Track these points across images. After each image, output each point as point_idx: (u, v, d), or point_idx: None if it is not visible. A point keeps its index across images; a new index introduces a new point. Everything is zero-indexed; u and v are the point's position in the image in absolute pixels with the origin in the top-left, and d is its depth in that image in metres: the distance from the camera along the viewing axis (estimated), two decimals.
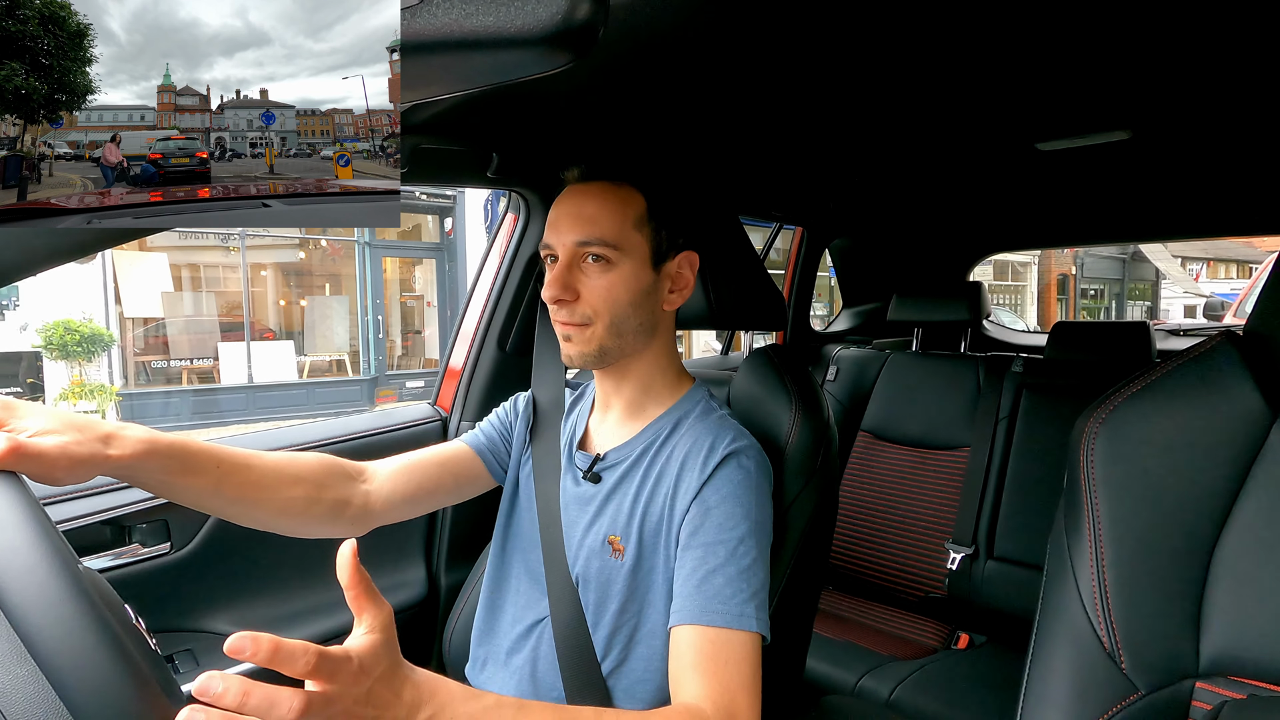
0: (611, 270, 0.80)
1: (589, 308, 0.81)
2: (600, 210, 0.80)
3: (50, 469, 0.55)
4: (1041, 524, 1.71)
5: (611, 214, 0.81)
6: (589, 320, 0.81)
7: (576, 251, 0.81)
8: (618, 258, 0.80)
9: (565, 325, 0.82)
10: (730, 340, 2.50)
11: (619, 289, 0.81)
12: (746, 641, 0.71)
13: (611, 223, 0.80)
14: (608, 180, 0.83)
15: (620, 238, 0.80)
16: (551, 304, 0.81)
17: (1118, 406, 0.63)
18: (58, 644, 0.41)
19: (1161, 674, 0.57)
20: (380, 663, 0.50)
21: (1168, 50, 0.94)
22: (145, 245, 7.81)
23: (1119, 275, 17.53)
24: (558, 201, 0.84)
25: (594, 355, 0.83)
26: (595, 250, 0.80)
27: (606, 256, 0.80)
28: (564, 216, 0.82)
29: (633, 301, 0.82)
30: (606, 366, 0.86)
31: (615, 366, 0.86)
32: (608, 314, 0.81)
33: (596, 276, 0.81)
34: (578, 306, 0.81)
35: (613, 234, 0.80)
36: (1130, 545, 0.59)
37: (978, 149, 1.51)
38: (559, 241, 0.81)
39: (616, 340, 0.83)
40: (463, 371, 1.48)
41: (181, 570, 1.11)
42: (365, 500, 0.83)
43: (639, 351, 0.86)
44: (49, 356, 7.04)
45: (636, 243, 0.82)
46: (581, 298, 0.81)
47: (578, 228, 0.80)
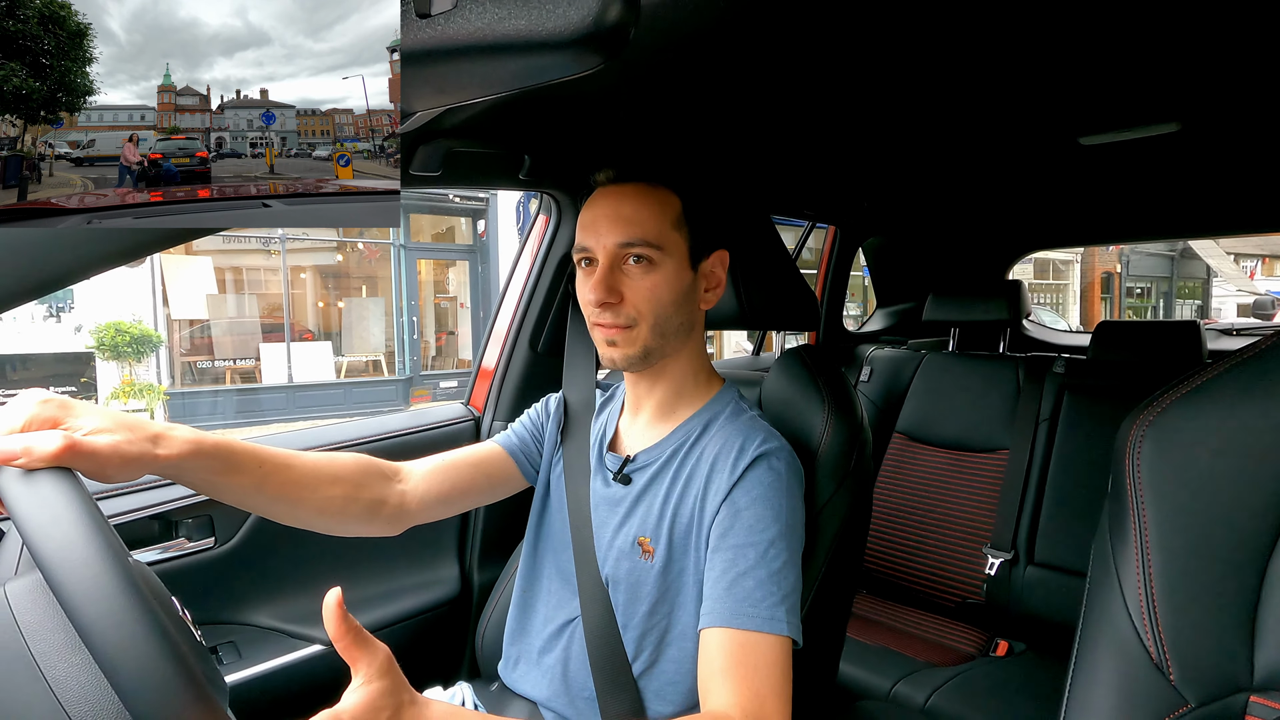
0: (654, 271, 0.80)
1: (633, 309, 0.80)
2: (639, 211, 0.80)
3: (103, 467, 0.57)
4: (1084, 529, 1.67)
5: (652, 214, 0.80)
6: (633, 322, 0.81)
7: (618, 253, 0.80)
8: (660, 258, 0.80)
9: (609, 328, 0.81)
10: (762, 341, 2.49)
11: (662, 289, 0.80)
12: (777, 645, 0.71)
13: (653, 223, 0.80)
14: (643, 181, 0.83)
15: (661, 237, 0.80)
16: (595, 307, 0.80)
17: (1166, 408, 0.61)
18: (110, 636, 0.43)
19: (1213, 686, 0.55)
20: (381, 713, 0.49)
21: (1221, 36, 0.90)
22: (191, 249, 8.07)
23: (1167, 273, 16.93)
24: (590, 204, 0.84)
25: (638, 357, 0.82)
26: (638, 251, 0.79)
27: (649, 257, 0.80)
28: (602, 218, 0.81)
29: (675, 301, 0.82)
30: (648, 368, 0.85)
31: (651, 368, 0.86)
32: (652, 315, 0.81)
33: (639, 278, 0.80)
34: (622, 308, 0.80)
35: (654, 234, 0.80)
36: (1179, 553, 0.57)
37: (1017, 144, 1.47)
38: (599, 244, 0.81)
39: (660, 341, 0.82)
40: (495, 372, 1.50)
41: (225, 564, 1.15)
42: (401, 500, 0.85)
43: (676, 352, 0.86)
44: (101, 357, 7.32)
45: (676, 242, 0.81)
46: (625, 299, 0.80)
47: (618, 229, 0.80)
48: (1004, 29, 0.86)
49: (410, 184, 1.09)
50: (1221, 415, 0.58)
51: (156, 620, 0.44)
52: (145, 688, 0.42)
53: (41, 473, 0.51)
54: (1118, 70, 1.02)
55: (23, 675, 0.47)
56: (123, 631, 0.43)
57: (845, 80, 1.02)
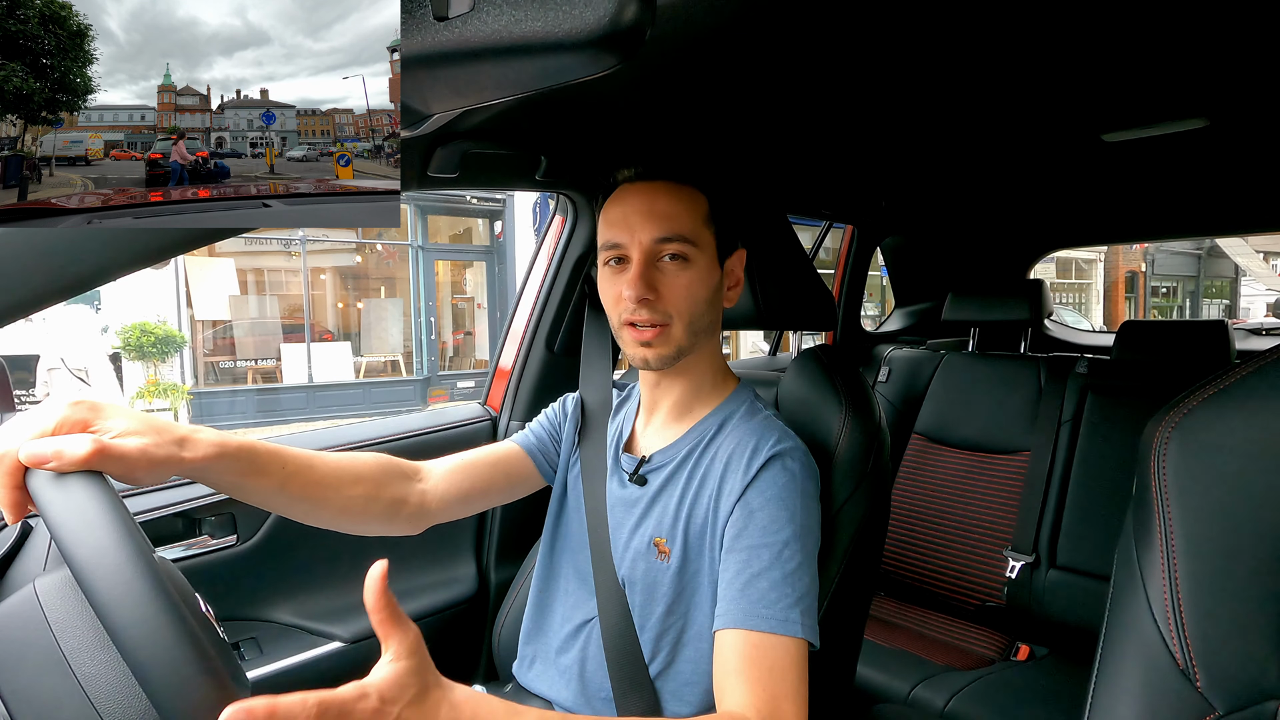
0: (689, 268, 0.80)
1: (670, 306, 0.80)
2: (674, 206, 0.80)
3: (131, 469, 0.58)
4: (1107, 532, 1.64)
5: (686, 210, 0.80)
6: (668, 319, 0.80)
7: (655, 249, 0.80)
8: (695, 255, 0.80)
9: (644, 329, 0.80)
10: (778, 341, 2.47)
11: (697, 287, 0.80)
12: (792, 648, 0.70)
13: (688, 219, 0.80)
14: (671, 180, 0.82)
15: (696, 234, 0.80)
16: (634, 304, 0.79)
17: (1193, 410, 0.59)
18: (140, 639, 0.44)
19: (1241, 693, 0.53)
20: (408, 690, 0.49)
21: (1251, 27, 0.88)
22: (214, 251, 8.20)
23: (1193, 272, 16.60)
24: (617, 201, 0.83)
25: (672, 357, 0.82)
26: (675, 248, 0.79)
27: (685, 254, 0.79)
28: (635, 214, 0.80)
29: (707, 299, 0.82)
30: (674, 366, 0.85)
31: (673, 368, 0.86)
32: (687, 313, 0.80)
33: (675, 275, 0.80)
34: (659, 305, 0.79)
35: (690, 230, 0.80)
36: (1206, 557, 0.56)
37: (1039, 140, 1.45)
38: (633, 239, 0.80)
39: (692, 340, 0.82)
40: (512, 372, 1.51)
41: (247, 561, 1.17)
42: (421, 499, 0.85)
43: (700, 350, 0.86)
44: (127, 357, 7.46)
45: (707, 240, 0.81)
46: (661, 296, 0.80)
47: (654, 224, 0.79)
48: (1026, 23, 0.85)
49: (428, 185, 1.10)
50: (1250, 417, 0.57)
51: (185, 624, 0.45)
52: (169, 684, 0.43)
53: (72, 476, 0.52)
54: (1143, 65, 1.00)
55: (53, 672, 0.49)
56: (152, 636, 0.44)
57: (862, 77, 1.01)
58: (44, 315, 6.70)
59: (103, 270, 0.70)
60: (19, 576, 0.58)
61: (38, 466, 0.52)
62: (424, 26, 0.50)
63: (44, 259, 0.65)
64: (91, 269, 0.69)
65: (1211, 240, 14.06)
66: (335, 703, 0.45)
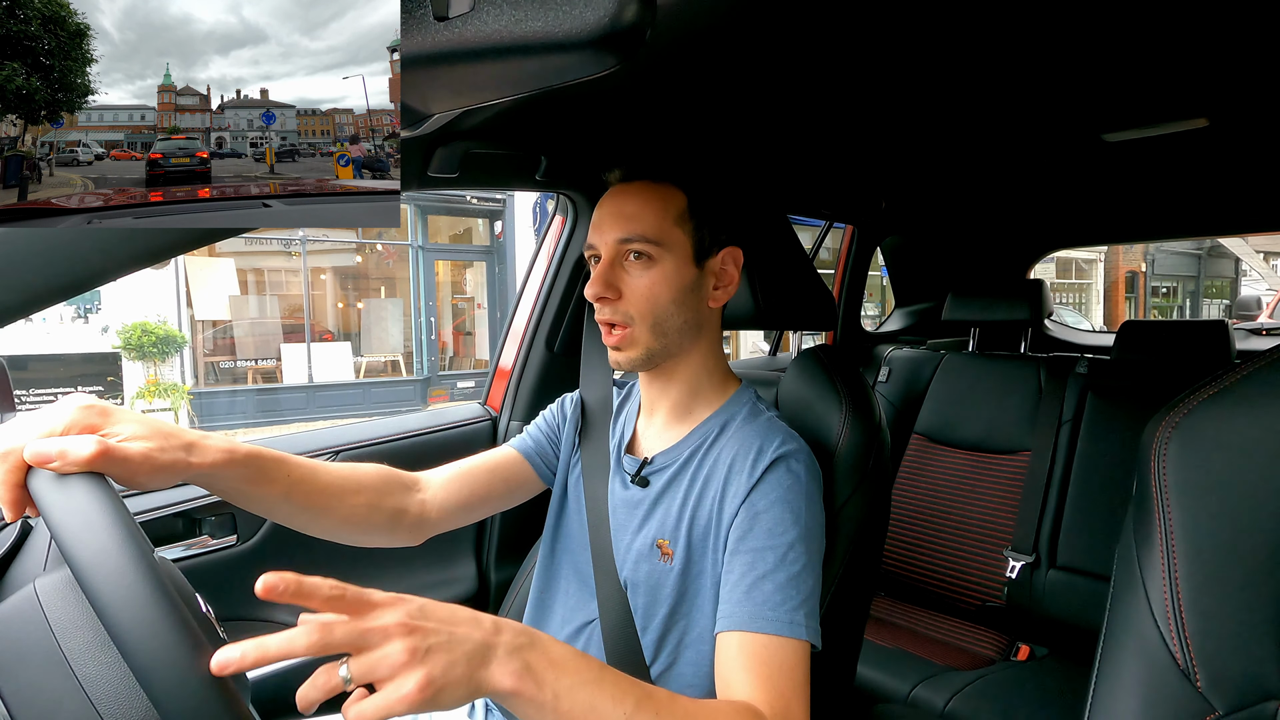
0: (653, 267, 0.81)
1: (631, 306, 0.81)
2: (641, 208, 0.81)
3: (134, 473, 0.58)
4: (1107, 532, 1.64)
5: (652, 211, 0.81)
6: (630, 320, 0.81)
7: (619, 249, 0.81)
8: (659, 254, 0.81)
9: (608, 329, 0.83)
10: (778, 341, 2.47)
11: (660, 286, 0.81)
12: (796, 649, 0.70)
13: (652, 219, 0.81)
14: (649, 179, 0.84)
15: (661, 234, 0.81)
16: (594, 301, 0.82)
17: (1193, 410, 0.59)
18: (141, 641, 0.44)
19: (1241, 693, 0.53)
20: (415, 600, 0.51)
21: (1252, 27, 0.88)
22: (214, 251, 8.20)
23: (1194, 272, 16.59)
24: (600, 203, 0.85)
25: (641, 359, 0.83)
26: (636, 247, 0.80)
27: (648, 253, 0.80)
28: (606, 216, 0.83)
29: (675, 299, 0.82)
30: (654, 368, 0.86)
31: (662, 369, 0.86)
32: (650, 313, 0.81)
33: (638, 275, 0.81)
34: (620, 305, 0.81)
35: (653, 230, 0.80)
36: (1206, 558, 0.56)
37: (1039, 140, 1.45)
38: (601, 240, 0.82)
39: (661, 340, 0.83)
40: (512, 372, 1.51)
41: (247, 561, 1.16)
42: (422, 509, 0.86)
43: (685, 352, 0.86)
44: (127, 357, 7.46)
45: (678, 239, 0.82)
46: (624, 296, 0.81)
47: (619, 225, 0.81)
48: (1026, 23, 0.85)
49: (428, 185, 1.10)
50: (1250, 417, 0.57)
51: (186, 626, 0.45)
52: (169, 684, 0.43)
53: (73, 477, 0.52)
54: (1144, 65, 1.00)
55: (54, 672, 0.49)
56: (153, 638, 0.44)
57: (863, 77, 1.01)
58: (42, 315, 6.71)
59: (103, 270, 0.70)
60: (19, 576, 0.58)
61: (41, 466, 0.53)
62: (424, 26, 0.50)
63: (44, 259, 0.65)
64: (91, 269, 0.69)
65: (1212, 240, 14.06)
66: (355, 589, 0.49)
